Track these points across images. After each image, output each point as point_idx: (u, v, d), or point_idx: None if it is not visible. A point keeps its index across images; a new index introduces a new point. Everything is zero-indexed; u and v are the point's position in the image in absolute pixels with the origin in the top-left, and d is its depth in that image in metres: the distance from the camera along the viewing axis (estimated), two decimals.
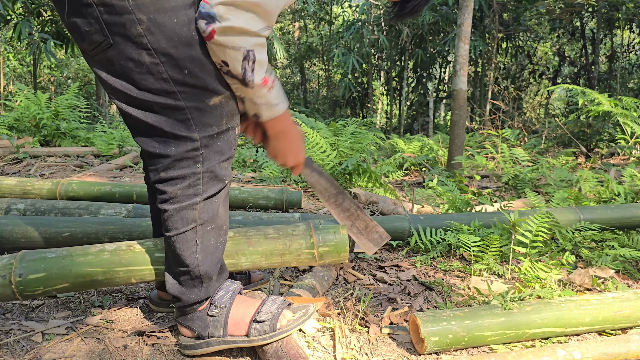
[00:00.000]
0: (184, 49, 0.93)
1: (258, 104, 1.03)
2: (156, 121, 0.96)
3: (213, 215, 1.06)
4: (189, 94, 0.96)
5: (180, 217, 1.02)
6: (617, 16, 9.01)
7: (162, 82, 0.94)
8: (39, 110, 5.05)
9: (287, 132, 1.13)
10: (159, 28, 0.90)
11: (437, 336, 1.16)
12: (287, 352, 1.06)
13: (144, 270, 1.16)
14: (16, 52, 14.53)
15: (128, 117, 0.99)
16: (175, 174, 1.00)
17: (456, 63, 4.35)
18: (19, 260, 1.11)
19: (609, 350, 1.17)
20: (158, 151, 0.99)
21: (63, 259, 1.13)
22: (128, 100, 0.96)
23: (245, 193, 2.36)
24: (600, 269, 1.76)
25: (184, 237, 1.04)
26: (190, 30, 0.93)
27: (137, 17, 0.89)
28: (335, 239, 1.29)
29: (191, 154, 0.98)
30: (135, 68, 0.92)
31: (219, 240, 1.10)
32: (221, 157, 1.02)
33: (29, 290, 1.10)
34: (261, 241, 1.25)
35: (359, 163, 3.29)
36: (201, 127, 0.98)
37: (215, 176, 1.02)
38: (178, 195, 1.01)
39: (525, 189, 2.94)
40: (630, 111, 4.72)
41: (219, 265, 1.11)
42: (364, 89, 12.46)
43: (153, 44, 0.91)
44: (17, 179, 2.26)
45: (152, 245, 1.18)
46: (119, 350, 1.12)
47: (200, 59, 0.95)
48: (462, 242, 1.86)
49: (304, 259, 1.26)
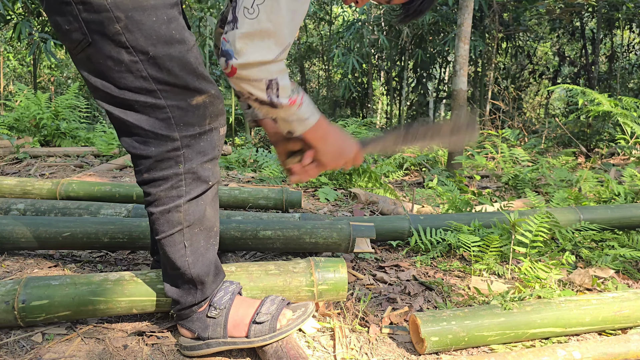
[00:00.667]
0: (163, 48, 0.92)
1: (290, 122, 1.02)
2: (137, 120, 0.96)
3: (200, 217, 1.05)
4: (169, 93, 0.95)
5: (165, 220, 1.02)
6: (617, 16, 9.01)
7: (142, 80, 0.93)
8: (39, 110, 5.05)
9: (330, 133, 1.11)
10: (137, 26, 0.90)
11: (437, 336, 1.17)
12: (287, 352, 1.06)
13: (145, 302, 1.18)
14: (16, 52, 14.52)
15: (111, 116, 0.99)
16: (157, 175, 0.99)
17: (456, 63, 4.35)
18: (23, 287, 1.13)
19: (609, 350, 1.17)
20: (139, 152, 0.99)
21: (66, 286, 1.15)
22: (109, 99, 0.96)
23: (245, 193, 2.36)
24: (600, 269, 1.76)
25: (171, 240, 1.03)
26: (169, 29, 0.93)
27: (115, 15, 0.88)
28: (334, 278, 1.30)
29: (172, 154, 0.98)
30: (114, 66, 0.92)
31: (209, 242, 1.09)
32: (204, 158, 1.01)
33: (31, 317, 1.12)
34: (262, 277, 1.27)
35: None
36: (182, 127, 0.97)
37: (197, 177, 1.01)
38: (161, 197, 1.00)
39: (525, 189, 2.94)
40: (630, 111, 4.72)
41: (212, 266, 1.10)
42: (364, 89, 12.46)
43: (131, 42, 0.90)
44: (17, 179, 2.26)
45: (154, 276, 1.21)
46: (119, 350, 1.12)
47: (180, 57, 0.94)
48: (462, 242, 1.86)
49: (303, 297, 1.28)
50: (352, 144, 1.16)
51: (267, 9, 0.86)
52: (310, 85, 17.71)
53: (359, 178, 3.30)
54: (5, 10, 6.19)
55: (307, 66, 16.57)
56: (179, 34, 0.94)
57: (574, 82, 10.56)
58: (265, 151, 4.29)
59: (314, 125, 1.05)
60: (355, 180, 3.30)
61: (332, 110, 13.56)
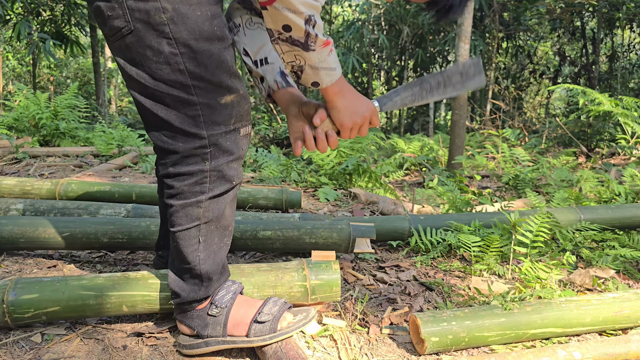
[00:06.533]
0: (204, 44, 0.94)
1: (319, 69, 1.01)
2: (166, 115, 0.97)
3: (218, 215, 1.05)
4: (203, 90, 0.96)
5: (185, 213, 1.03)
6: (618, 16, 9.00)
7: (179, 73, 0.94)
8: (38, 110, 5.05)
9: (346, 89, 1.10)
10: (182, 19, 0.92)
11: (438, 336, 1.16)
12: (287, 353, 1.06)
13: (135, 297, 1.16)
14: (15, 51, 14.52)
15: (141, 108, 1.00)
16: (183, 170, 1.00)
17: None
18: (15, 282, 1.14)
19: (609, 351, 1.17)
20: (167, 146, 1.00)
21: (57, 282, 1.16)
22: (142, 89, 0.97)
23: (245, 193, 2.35)
24: (600, 269, 1.76)
25: (187, 233, 1.04)
26: (212, 25, 0.94)
27: (162, 6, 0.90)
28: (327, 273, 1.29)
29: (199, 151, 0.99)
30: (153, 57, 0.93)
31: (223, 241, 1.10)
32: (229, 157, 1.02)
33: (19, 311, 1.11)
34: (254, 272, 1.26)
35: (359, 163, 3.29)
36: (210, 125, 0.98)
37: (222, 175, 1.02)
38: (184, 192, 1.01)
39: (525, 189, 2.94)
40: (631, 111, 4.72)
41: (221, 265, 1.10)
42: (364, 89, 12.45)
43: (175, 34, 0.92)
44: (17, 179, 2.25)
45: (146, 274, 1.21)
46: (119, 350, 1.11)
47: (218, 54, 0.96)
48: (462, 242, 1.85)
49: (296, 292, 1.27)
50: (369, 102, 1.15)
51: None
52: None
53: (359, 178, 3.30)
54: (4, 10, 6.19)
55: None
56: (220, 31, 0.95)
57: (575, 82, 10.56)
58: (265, 151, 4.28)
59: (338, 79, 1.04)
60: (355, 180, 3.30)
61: None
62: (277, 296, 1.24)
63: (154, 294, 1.17)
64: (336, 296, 1.30)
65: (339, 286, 1.30)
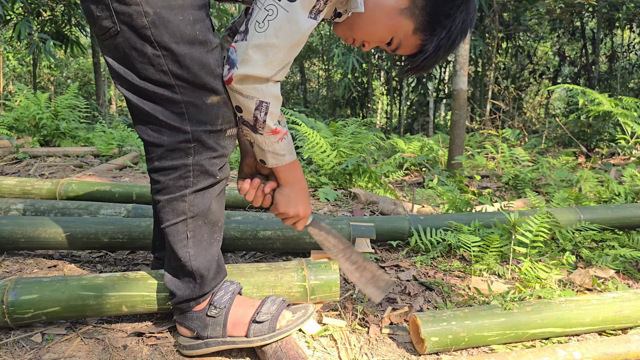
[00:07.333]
0: (185, 47, 0.96)
1: (265, 151, 1.07)
2: (153, 109, 1.00)
3: (204, 210, 1.06)
4: (186, 89, 0.98)
5: (171, 208, 1.05)
6: (617, 16, 9.01)
7: (162, 74, 0.97)
8: (38, 110, 5.05)
9: (299, 181, 1.15)
10: (163, 23, 0.94)
11: (437, 336, 1.16)
12: (287, 353, 1.06)
13: (135, 297, 1.17)
14: (16, 52, 14.53)
15: (129, 103, 1.03)
16: (167, 164, 1.02)
17: (456, 63, 4.35)
18: (14, 283, 1.14)
19: (609, 351, 1.17)
20: (152, 140, 1.02)
21: (57, 282, 1.16)
22: (129, 86, 1.00)
23: None
24: (600, 269, 1.76)
25: (174, 229, 1.06)
26: (194, 29, 0.96)
27: (144, 10, 0.93)
28: (326, 273, 1.30)
29: (183, 145, 1.01)
30: (138, 57, 0.96)
31: (213, 237, 1.10)
32: (212, 154, 1.04)
33: (19, 312, 1.11)
34: (253, 273, 1.27)
35: (359, 163, 3.29)
36: (195, 123, 1.00)
37: (205, 170, 1.04)
38: (169, 186, 1.03)
39: (525, 189, 2.94)
40: (631, 111, 4.72)
41: (214, 263, 1.11)
42: (364, 89, 12.46)
43: (156, 37, 0.94)
44: (17, 179, 2.25)
45: (146, 274, 1.21)
46: (119, 350, 1.11)
47: (201, 58, 0.98)
48: (462, 242, 1.85)
49: (295, 292, 1.28)
50: (308, 208, 1.19)
51: (277, 25, 0.94)
52: (310, 85, 17.72)
53: (359, 178, 3.30)
54: (5, 10, 6.19)
55: (307, 66, 16.57)
56: (202, 35, 0.97)
57: (574, 82, 10.56)
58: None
59: (287, 164, 1.10)
60: (355, 180, 3.30)
61: (332, 110, 13.57)
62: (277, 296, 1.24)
63: (154, 294, 1.18)
64: (335, 296, 1.31)
65: (339, 286, 1.30)
